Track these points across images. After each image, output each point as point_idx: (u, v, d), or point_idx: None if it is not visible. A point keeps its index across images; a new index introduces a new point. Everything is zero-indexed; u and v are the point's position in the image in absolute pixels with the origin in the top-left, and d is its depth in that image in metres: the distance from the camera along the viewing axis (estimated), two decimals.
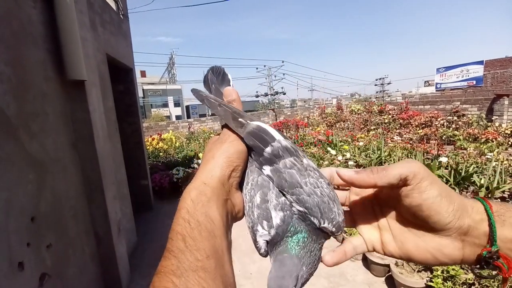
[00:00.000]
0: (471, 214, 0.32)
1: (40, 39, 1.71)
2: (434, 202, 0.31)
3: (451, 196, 0.32)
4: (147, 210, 4.47)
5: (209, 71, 0.49)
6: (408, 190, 0.32)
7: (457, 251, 0.33)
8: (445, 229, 0.32)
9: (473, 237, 0.32)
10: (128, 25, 4.08)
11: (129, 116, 4.20)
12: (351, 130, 9.79)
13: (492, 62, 18.03)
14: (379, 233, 0.39)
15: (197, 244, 0.30)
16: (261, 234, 0.35)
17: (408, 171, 0.32)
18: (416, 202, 0.32)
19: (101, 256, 2.26)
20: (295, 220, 0.35)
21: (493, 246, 0.31)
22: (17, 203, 1.38)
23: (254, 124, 0.39)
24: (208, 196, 0.34)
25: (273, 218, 0.35)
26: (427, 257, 0.34)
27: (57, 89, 1.86)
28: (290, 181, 0.35)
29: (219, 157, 0.37)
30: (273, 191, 0.36)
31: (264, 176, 0.37)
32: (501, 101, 8.54)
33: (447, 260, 0.34)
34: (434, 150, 5.22)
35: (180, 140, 8.92)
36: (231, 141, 0.39)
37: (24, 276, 1.36)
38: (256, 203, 0.36)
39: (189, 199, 0.34)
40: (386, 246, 0.37)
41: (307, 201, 0.34)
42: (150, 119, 20.13)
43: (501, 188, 3.42)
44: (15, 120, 1.43)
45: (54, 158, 1.76)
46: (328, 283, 2.56)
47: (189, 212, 0.32)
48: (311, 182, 0.34)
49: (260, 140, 0.38)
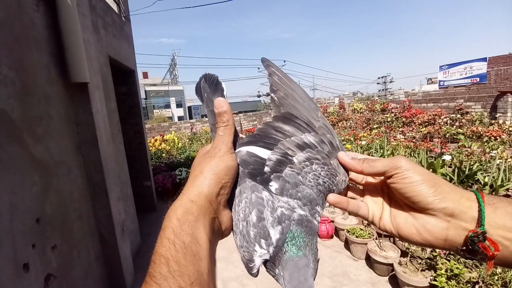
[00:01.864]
0: (460, 199, 0.35)
1: (43, 42, 1.73)
2: (416, 185, 0.36)
3: (435, 181, 0.36)
4: (151, 211, 4.49)
5: (202, 79, 0.48)
6: (393, 178, 0.38)
7: (440, 230, 0.36)
8: (429, 208, 0.36)
9: (460, 220, 0.35)
10: (130, 27, 4.10)
11: (131, 118, 4.23)
12: (354, 129, 9.76)
13: (496, 59, 17.85)
14: (381, 209, 0.43)
15: (181, 269, 0.29)
16: (260, 254, 0.35)
17: (392, 164, 0.38)
18: (399, 186, 0.38)
19: (105, 257, 2.27)
20: (293, 226, 0.36)
21: (479, 228, 0.33)
22: (22, 205, 1.40)
23: (243, 151, 0.41)
24: (195, 215, 0.33)
25: (271, 235, 0.35)
26: (412, 232, 0.38)
27: (61, 92, 1.88)
28: (293, 182, 0.39)
29: (207, 173, 0.37)
30: (268, 208, 0.37)
31: (257, 193, 0.38)
32: (504, 98, 8.45)
33: (429, 237, 0.37)
34: (438, 148, 5.19)
35: (182, 141, 8.94)
36: (220, 156, 0.38)
37: (29, 277, 1.38)
38: (252, 221, 0.36)
39: (175, 217, 0.33)
40: (382, 220, 0.42)
41: (310, 194, 0.39)
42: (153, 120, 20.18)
43: (506, 186, 3.39)
44: (20, 123, 1.44)
45: (59, 160, 1.78)
46: (332, 282, 2.56)
47: (175, 232, 0.31)
48: (311, 177, 0.40)
49: (256, 163, 0.40)
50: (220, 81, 0.48)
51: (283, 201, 0.38)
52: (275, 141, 0.42)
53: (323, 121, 0.45)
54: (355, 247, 2.91)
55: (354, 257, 2.93)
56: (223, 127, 0.40)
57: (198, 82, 0.48)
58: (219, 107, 0.41)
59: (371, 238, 2.83)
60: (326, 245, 3.23)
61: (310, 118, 0.44)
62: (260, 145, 0.42)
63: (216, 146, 0.39)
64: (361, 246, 2.85)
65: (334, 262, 2.88)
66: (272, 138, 0.42)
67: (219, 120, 0.41)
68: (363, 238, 2.85)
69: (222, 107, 0.41)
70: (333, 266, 2.80)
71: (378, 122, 10.03)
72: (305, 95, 0.47)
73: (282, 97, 0.45)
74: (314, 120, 0.44)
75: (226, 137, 0.40)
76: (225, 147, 0.39)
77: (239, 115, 12.89)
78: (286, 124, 0.43)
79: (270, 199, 0.38)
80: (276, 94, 0.45)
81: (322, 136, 0.43)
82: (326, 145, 0.42)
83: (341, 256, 2.97)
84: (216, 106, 0.42)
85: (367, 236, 2.86)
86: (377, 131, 8.63)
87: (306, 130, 0.43)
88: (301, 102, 0.45)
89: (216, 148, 0.39)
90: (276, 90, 0.45)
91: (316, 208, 0.39)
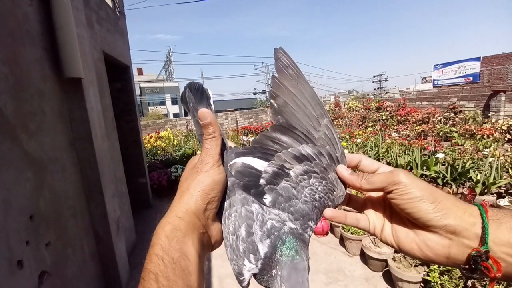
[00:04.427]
0: (462, 215, 0.34)
1: (36, 37, 1.70)
2: (415, 201, 0.35)
3: (435, 196, 0.35)
4: (146, 208, 4.47)
5: (186, 88, 0.46)
6: (393, 193, 0.37)
7: (442, 248, 0.35)
8: (429, 225, 0.35)
9: (463, 237, 0.33)
10: (125, 22, 4.05)
11: (126, 114, 4.19)
12: (349, 127, 9.82)
13: (489, 58, 18.07)
14: (382, 221, 0.43)
15: (171, 284, 0.29)
16: (248, 268, 0.35)
17: (391, 179, 0.37)
18: (399, 202, 0.36)
19: (100, 254, 2.26)
20: (285, 235, 0.36)
21: (483, 246, 0.32)
22: (16, 201, 1.38)
23: (239, 162, 0.41)
24: (183, 231, 0.33)
25: (260, 250, 0.35)
26: (413, 247, 0.38)
27: (55, 88, 1.85)
28: (286, 195, 0.39)
29: (193, 189, 0.37)
30: (257, 222, 0.37)
31: (247, 207, 0.38)
32: (497, 97, 8.57)
33: (430, 254, 0.36)
34: (431, 146, 5.26)
35: (178, 138, 8.89)
36: (206, 171, 0.38)
37: (24, 274, 1.37)
38: (241, 236, 0.36)
39: (163, 234, 0.33)
40: (384, 233, 0.42)
41: (304, 209, 0.39)
42: (148, 117, 20.02)
43: (498, 183, 3.45)
44: (13, 119, 1.42)
45: (53, 157, 1.76)
46: (327, 278, 2.59)
47: (163, 249, 0.31)
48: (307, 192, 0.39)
49: (251, 175, 0.40)
50: (205, 89, 0.46)
51: (274, 213, 0.38)
52: (272, 152, 0.41)
53: (325, 130, 0.43)
54: (350, 244, 2.95)
55: (349, 253, 2.96)
56: (209, 139, 0.40)
57: (183, 91, 0.46)
58: (203, 119, 0.40)
59: (366, 234, 2.86)
60: (322, 241, 3.25)
61: (309, 128, 0.42)
62: (257, 156, 0.41)
63: (203, 160, 0.39)
64: (356, 242, 2.88)
65: (329, 258, 2.91)
66: (269, 149, 0.41)
67: (204, 132, 0.40)
68: (358, 234, 2.88)
69: (206, 118, 0.40)
70: (328, 262, 2.83)
71: (373, 120, 10.11)
72: (312, 98, 0.44)
73: (282, 104, 0.42)
74: (314, 130, 0.42)
75: (212, 150, 0.39)
76: (211, 160, 0.39)
77: (235, 113, 12.85)
78: (283, 135, 0.41)
79: (260, 212, 0.38)
80: (276, 100, 0.42)
81: (321, 147, 0.42)
82: (325, 157, 0.41)
83: (336, 253, 3.00)
84: (200, 118, 0.40)
85: (361, 232, 2.89)
86: (372, 129, 8.70)
87: (304, 141, 0.41)
88: (303, 109, 0.43)
89: (203, 162, 0.39)
90: (276, 96, 0.42)
91: (309, 223, 0.39)
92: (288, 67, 0.44)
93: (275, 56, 0.44)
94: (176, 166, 5.40)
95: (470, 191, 3.31)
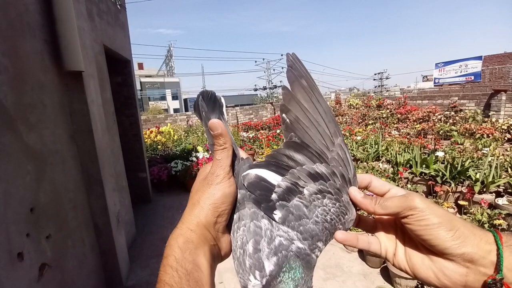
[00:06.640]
0: (479, 243, 0.33)
1: (37, 29, 1.68)
2: (433, 228, 0.34)
3: (453, 223, 0.34)
4: (146, 203, 4.49)
5: (199, 96, 0.46)
6: (408, 219, 0.36)
7: (459, 276, 0.34)
8: (446, 253, 0.34)
9: (480, 266, 0.33)
10: (126, 15, 4.02)
11: (127, 109, 4.18)
12: (349, 124, 9.80)
13: (491, 57, 18.01)
14: (395, 245, 0.41)
15: None
16: (253, 284, 0.35)
17: (406, 204, 0.36)
18: (415, 228, 0.35)
19: (100, 247, 2.28)
20: (290, 258, 0.36)
21: (498, 274, 0.31)
22: (16, 194, 1.38)
23: (252, 174, 0.40)
24: (195, 243, 0.34)
25: (265, 267, 0.35)
26: (429, 275, 0.36)
27: (55, 80, 1.85)
28: (297, 214, 0.38)
29: (204, 203, 0.37)
30: (265, 238, 0.37)
31: (256, 221, 0.38)
32: (498, 96, 8.56)
33: (447, 282, 0.35)
34: (431, 144, 5.26)
35: (178, 133, 8.88)
36: (217, 184, 0.38)
37: (24, 266, 1.37)
38: (248, 252, 0.36)
39: (177, 246, 0.34)
40: (397, 258, 0.40)
41: (313, 230, 0.38)
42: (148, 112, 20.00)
43: (497, 182, 3.46)
44: (13, 111, 1.42)
45: (53, 149, 1.75)
46: (325, 274, 2.61)
47: (177, 260, 0.32)
48: (319, 212, 0.38)
49: (263, 189, 0.39)
50: (218, 97, 0.46)
51: (283, 230, 0.37)
52: (286, 167, 0.40)
53: (338, 150, 0.41)
54: None
55: (347, 250, 2.98)
56: (220, 150, 0.39)
57: (196, 100, 0.46)
58: (214, 130, 0.39)
59: (363, 232, 2.87)
60: None
61: (322, 148, 0.41)
62: (272, 169, 0.40)
63: (214, 172, 0.39)
64: None
65: (328, 254, 2.92)
66: (283, 165, 0.40)
67: (215, 143, 0.40)
68: (357, 231, 2.89)
69: (217, 129, 0.39)
70: (326, 258, 2.85)
71: (374, 118, 10.09)
72: (326, 114, 0.42)
73: (294, 119, 0.41)
74: (327, 150, 0.41)
75: (223, 161, 0.39)
76: (222, 173, 0.39)
77: (236, 109, 12.81)
78: (297, 153, 0.40)
79: (269, 228, 0.37)
80: (288, 115, 0.41)
81: (334, 168, 0.40)
82: (338, 178, 0.40)
83: (334, 249, 3.01)
84: (211, 128, 0.39)
85: (359, 229, 2.90)
86: (372, 126, 8.69)
87: (318, 160, 0.40)
88: (316, 126, 0.41)
89: (214, 174, 0.39)
90: (287, 110, 0.41)
91: (318, 243, 0.38)
92: (302, 77, 0.42)
93: (287, 63, 0.42)
94: (176, 161, 5.40)
95: (469, 189, 3.32)
